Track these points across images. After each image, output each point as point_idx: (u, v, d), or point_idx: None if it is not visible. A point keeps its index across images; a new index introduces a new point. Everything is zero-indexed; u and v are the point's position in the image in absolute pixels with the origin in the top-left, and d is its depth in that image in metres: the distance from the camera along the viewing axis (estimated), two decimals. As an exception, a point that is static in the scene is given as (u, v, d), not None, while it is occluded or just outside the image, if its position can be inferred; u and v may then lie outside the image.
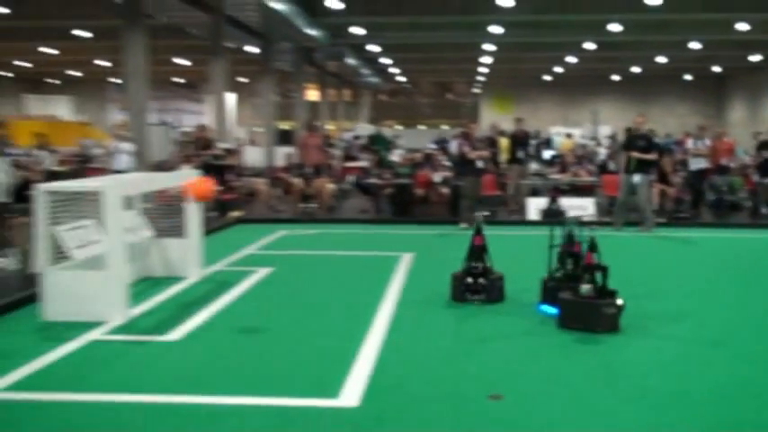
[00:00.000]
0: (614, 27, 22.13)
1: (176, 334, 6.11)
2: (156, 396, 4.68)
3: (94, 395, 4.71)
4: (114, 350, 5.69)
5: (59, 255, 6.82)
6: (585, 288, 6.13)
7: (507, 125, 17.47)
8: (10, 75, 42.08)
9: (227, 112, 22.52)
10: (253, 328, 6.36)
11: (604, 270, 6.22)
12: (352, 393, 4.72)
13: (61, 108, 40.51)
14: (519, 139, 14.73)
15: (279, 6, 19.11)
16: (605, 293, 6.18)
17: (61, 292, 6.44)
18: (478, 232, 7.21)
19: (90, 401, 4.62)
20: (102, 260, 6.63)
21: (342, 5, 20.62)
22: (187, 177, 8.72)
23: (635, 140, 12.23)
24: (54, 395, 4.71)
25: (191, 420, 4.35)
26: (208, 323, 6.50)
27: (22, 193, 9.85)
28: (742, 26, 21.57)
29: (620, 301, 6.13)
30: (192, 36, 24.04)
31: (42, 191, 6.61)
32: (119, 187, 6.84)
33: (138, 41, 16.58)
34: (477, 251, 7.16)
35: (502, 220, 13.00)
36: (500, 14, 20.63)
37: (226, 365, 5.34)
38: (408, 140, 35.36)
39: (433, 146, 19.82)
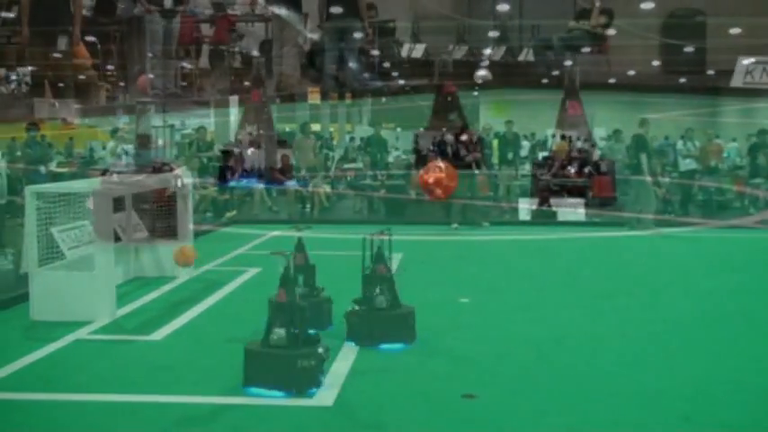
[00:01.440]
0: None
1: (160, 334, 6.21)
2: (133, 396, 4.75)
3: (72, 395, 4.78)
4: (97, 350, 5.80)
5: (49, 255, 6.99)
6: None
7: (502, 127, 17.59)
8: (16, 77, 42.40)
9: (229, 115, 22.71)
10: (235, 328, 6.41)
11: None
12: (326, 394, 4.76)
13: (68, 111, 40.76)
14: (509, 141, 14.90)
15: (281, 11, 19.34)
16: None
17: (48, 293, 6.56)
18: (380, 260, 5.91)
19: (67, 401, 4.70)
20: (91, 261, 6.74)
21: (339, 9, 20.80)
22: (182, 176, 8.79)
23: None
24: (33, 395, 4.80)
25: (163, 420, 4.39)
26: (192, 323, 6.61)
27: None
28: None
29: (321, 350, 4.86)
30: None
31: (31, 192, 6.72)
32: (110, 189, 6.92)
33: (143, 46, 16.77)
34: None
35: (493, 221, 13.17)
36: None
37: (205, 365, 5.43)
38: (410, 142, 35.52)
39: (433, 147, 19.92)
